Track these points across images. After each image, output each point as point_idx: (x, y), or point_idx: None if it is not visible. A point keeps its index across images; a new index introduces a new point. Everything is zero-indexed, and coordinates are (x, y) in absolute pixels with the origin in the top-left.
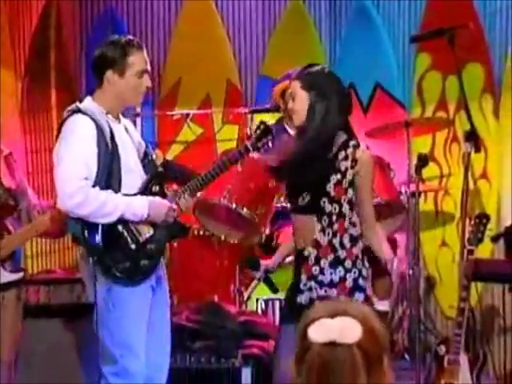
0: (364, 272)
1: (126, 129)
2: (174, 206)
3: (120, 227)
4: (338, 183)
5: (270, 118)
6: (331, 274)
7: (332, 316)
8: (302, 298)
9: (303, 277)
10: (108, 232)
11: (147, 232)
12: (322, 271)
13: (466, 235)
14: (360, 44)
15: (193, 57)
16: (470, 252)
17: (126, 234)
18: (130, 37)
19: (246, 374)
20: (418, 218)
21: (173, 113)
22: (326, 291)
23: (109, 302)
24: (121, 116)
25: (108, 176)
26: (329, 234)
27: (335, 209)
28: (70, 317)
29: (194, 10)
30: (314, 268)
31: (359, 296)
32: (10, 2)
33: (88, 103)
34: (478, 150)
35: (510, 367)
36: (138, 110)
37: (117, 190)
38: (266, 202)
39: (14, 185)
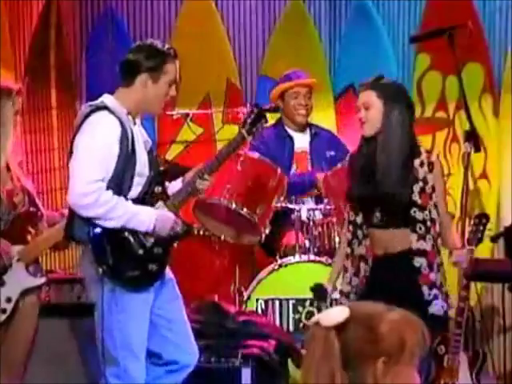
0: None
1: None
2: (178, 220)
3: (126, 233)
4: (422, 191)
5: (270, 119)
6: (439, 277)
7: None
8: (435, 309)
9: (425, 288)
10: (115, 238)
11: (152, 236)
12: (437, 276)
13: (466, 235)
14: (360, 44)
15: (193, 56)
16: (470, 252)
17: (132, 239)
18: (168, 45)
19: (246, 374)
20: None
21: (173, 112)
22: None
23: (112, 304)
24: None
25: (121, 177)
26: (430, 239)
27: (427, 215)
28: (69, 316)
29: (194, 9)
30: (431, 275)
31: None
32: (10, 1)
33: (111, 101)
34: (477, 150)
35: (509, 366)
36: None
37: (126, 191)
38: (265, 202)
39: (31, 187)
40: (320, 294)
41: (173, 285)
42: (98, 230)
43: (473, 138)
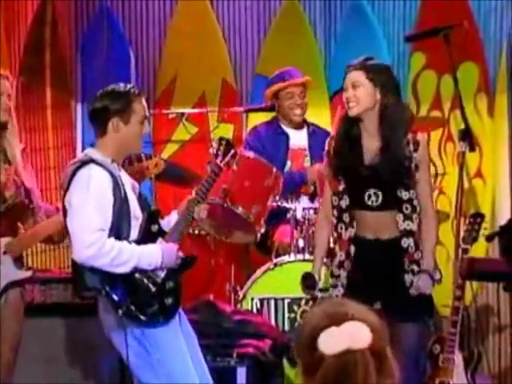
0: None
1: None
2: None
3: (137, 275)
4: (408, 169)
5: (264, 117)
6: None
7: (337, 323)
8: (406, 278)
9: (405, 260)
10: (128, 282)
11: (162, 272)
12: (422, 256)
13: (461, 234)
14: (355, 43)
15: (188, 56)
16: (465, 251)
17: (144, 280)
18: (130, 85)
19: (241, 374)
20: None
21: (168, 112)
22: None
23: (146, 345)
24: None
25: (119, 223)
26: (416, 218)
27: (413, 194)
28: (64, 316)
29: (189, 8)
30: (416, 254)
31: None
32: (5, 0)
33: (95, 153)
34: (472, 149)
35: (504, 366)
36: None
37: (126, 235)
38: (261, 201)
39: (28, 181)
40: (309, 283)
41: (187, 323)
42: (110, 280)
43: (468, 137)
